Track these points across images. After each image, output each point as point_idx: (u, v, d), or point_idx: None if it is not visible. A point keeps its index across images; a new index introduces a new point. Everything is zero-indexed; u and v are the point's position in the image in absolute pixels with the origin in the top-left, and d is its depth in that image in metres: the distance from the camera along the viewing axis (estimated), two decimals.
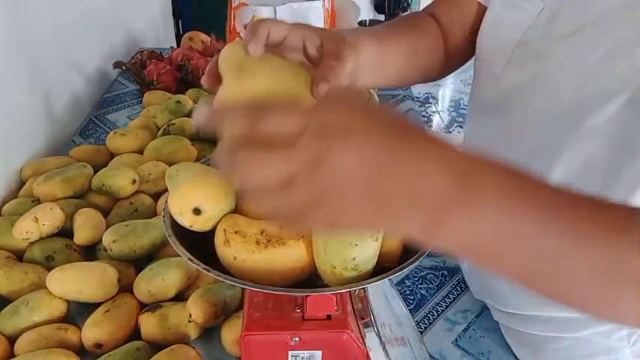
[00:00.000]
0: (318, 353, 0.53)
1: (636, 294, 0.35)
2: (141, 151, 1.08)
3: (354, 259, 0.49)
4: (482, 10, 0.70)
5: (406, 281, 0.87)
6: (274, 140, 0.34)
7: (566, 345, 0.70)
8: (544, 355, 0.73)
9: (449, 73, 0.78)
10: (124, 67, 1.39)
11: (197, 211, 0.52)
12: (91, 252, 0.88)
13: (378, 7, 3.46)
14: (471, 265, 0.78)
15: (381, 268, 0.52)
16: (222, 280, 0.49)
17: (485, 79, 0.71)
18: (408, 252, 0.55)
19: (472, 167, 0.35)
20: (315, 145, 0.33)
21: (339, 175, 0.33)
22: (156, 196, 0.98)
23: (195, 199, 0.53)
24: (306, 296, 0.51)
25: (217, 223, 0.52)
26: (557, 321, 0.69)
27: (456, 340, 0.77)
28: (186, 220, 0.53)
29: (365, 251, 0.49)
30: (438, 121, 3.24)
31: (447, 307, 0.83)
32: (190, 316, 0.73)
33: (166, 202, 0.55)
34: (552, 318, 0.69)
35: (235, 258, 0.50)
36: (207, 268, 0.49)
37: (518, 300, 0.72)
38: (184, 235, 0.53)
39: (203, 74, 0.54)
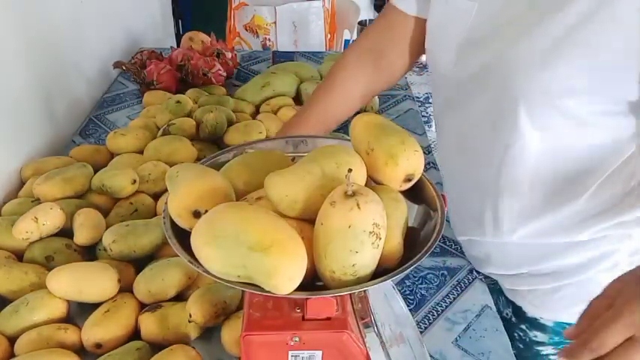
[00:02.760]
0: (318, 353, 0.54)
1: None
2: (141, 151, 1.08)
3: (353, 265, 0.49)
4: (418, 22, 0.82)
5: (406, 281, 0.87)
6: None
7: (572, 291, 0.78)
8: (551, 305, 0.81)
9: (387, 85, 0.92)
10: (124, 67, 1.39)
11: (197, 214, 0.52)
12: (91, 252, 0.88)
13: (378, 7, 3.46)
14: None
15: (381, 270, 0.52)
16: (222, 282, 0.49)
17: (440, 76, 0.79)
18: (408, 253, 0.55)
19: None
20: None
21: None
22: (156, 196, 0.98)
23: (194, 201, 0.53)
24: (306, 299, 0.51)
25: None
26: (562, 269, 0.78)
27: (456, 340, 0.77)
28: (186, 223, 0.53)
29: (365, 258, 0.49)
30: None
31: (447, 307, 0.83)
32: (190, 316, 0.73)
33: (166, 203, 0.55)
34: (556, 269, 0.78)
35: None
36: (206, 269, 0.49)
37: (522, 260, 0.81)
38: (185, 236, 0.52)
39: (204, 75, 0.56)
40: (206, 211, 0.50)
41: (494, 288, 0.89)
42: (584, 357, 0.48)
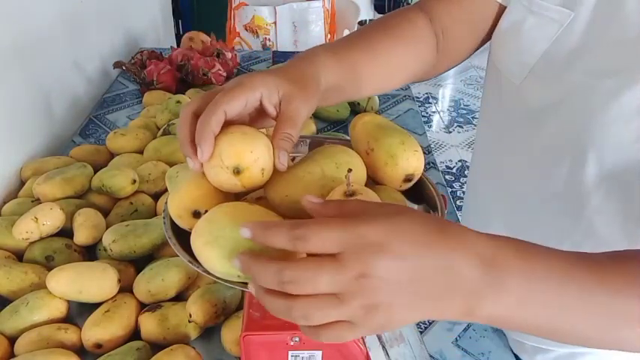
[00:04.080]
0: (318, 353, 0.54)
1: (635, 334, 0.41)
2: (141, 151, 1.08)
3: None
4: (494, 11, 0.67)
5: None
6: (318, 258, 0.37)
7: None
8: None
9: (446, 70, 0.75)
10: (124, 67, 1.39)
11: (197, 214, 0.52)
12: (91, 252, 0.88)
13: (378, 7, 3.46)
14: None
15: None
16: (222, 282, 0.49)
17: (503, 88, 0.68)
18: None
19: (496, 253, 0.40)
20: (358, 263, 0.37)
21: (384, 286, 0.37)
22: (156, 196, 0.98)
23: (194, 202, 0.53)
24: None
25: None
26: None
27: (456, 340, 0.77)
28: (186, 223, 0.53)
29: None
30: (438, 121, 3.24)
31: None
32: (190, 316, 0.73)
33: (166, 203, 0.55)
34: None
35: None
36: (206, 270, 0.49)
37: None
38: (185, 236, 0.52)
39: (204, 75, 0.53)
40: (206, 211, 0.50)
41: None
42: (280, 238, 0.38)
